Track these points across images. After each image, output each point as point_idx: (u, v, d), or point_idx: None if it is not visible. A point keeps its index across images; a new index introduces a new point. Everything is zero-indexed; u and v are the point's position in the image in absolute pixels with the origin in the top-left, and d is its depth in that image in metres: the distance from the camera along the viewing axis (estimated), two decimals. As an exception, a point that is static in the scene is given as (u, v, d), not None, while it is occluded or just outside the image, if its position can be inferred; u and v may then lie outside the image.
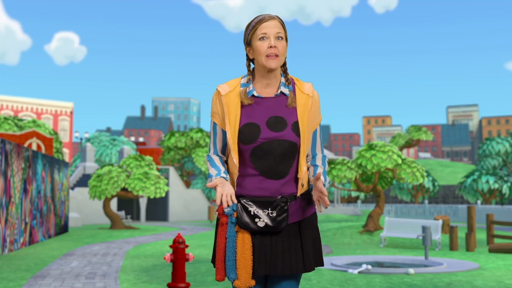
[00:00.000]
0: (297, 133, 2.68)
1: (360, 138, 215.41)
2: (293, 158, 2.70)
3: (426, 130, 55.30)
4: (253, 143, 2.65)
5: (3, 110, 75.40)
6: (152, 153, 49.00)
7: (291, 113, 2.70)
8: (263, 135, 2.65)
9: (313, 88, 2.77)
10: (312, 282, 9.09)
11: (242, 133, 2.66)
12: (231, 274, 2.62)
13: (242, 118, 2.68)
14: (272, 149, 2.65)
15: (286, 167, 2.68)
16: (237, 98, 2.70)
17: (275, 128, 2.66)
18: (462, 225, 34.01)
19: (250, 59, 2.76)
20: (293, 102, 2.70)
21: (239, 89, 2.72)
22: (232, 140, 2.67)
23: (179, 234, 7.39)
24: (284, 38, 2.67)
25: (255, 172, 2.67)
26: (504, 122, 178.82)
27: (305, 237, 2.73)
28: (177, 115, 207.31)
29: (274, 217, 2.63)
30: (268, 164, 2.66)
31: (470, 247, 15.91)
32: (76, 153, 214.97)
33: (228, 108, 2.69)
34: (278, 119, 2.68)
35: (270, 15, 2.69)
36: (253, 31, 2.67)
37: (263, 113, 2.69)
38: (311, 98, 2.73)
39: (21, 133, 27.67)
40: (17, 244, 15.10)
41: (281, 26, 2.67)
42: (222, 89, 2.72)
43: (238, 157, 2.71)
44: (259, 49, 2.65)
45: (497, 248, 14.97)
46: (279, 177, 2.68)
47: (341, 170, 19.14)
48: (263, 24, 2.65)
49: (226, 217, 2.67)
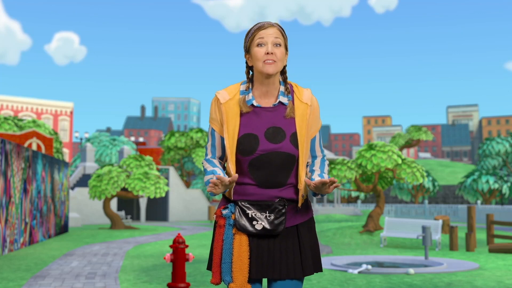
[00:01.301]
0: (295, 145, 2.66)
1: (360, 138, 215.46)
2: (291, 169, 2.68)
3: (426, 130, 55.31)
4: (251, 155, 2.63)
5: (3, 110, 75.39)
6: (152, 153, 49.00)
7: (289, 124, 2.68)
8: (261, 146, 2.63)
9: (311, 95, 2.75)
10: (312, 282, 9.09)
11: (240, 144, 2.64)
12: (226, 277, 2.59)
13: (241, 128, 2.66)
14: (270, 161, 2.63)
15: (284, 177, 2.67)
16: (236, 107, 2.68)
17: (274, 140, 2.64)
18: (462, 225, 34.01)
19: (250, 66, 2.75)
20: (291, 113, 2.68)
21: (239, 97, 2.70)
22: (230, 150, 2.65)
23: (179, 234, 7.39)
24: (282, 45, 2.66)
25: (253, 182, 2.66)
26: (504, 122, 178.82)
27: (303, 241, 2.70)
28: (177, 115, 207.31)
29: (272, 220, 2.61)
30: (266, 175, 2.65)
31: (470, 247, 15.91)
32: (76, 153, 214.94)
33: (227, 117, 2.67)
34: (276, 130, 2.66)
35: (270, 22, 2.68)
36: (251, 38, 2.66)
37: (262, 124, 2.67)
38: (310, 107, 2.71)
39: (21, 133, 27.68)
40: (17, 244, 15.10)
41: (280, 34, 2.66)
42: (222, 97, 2.70)
43: (236, 167, 2.70)
44: (256, 55, 2.63)
45: (497, 248, 14.97)
46: (277, 186, 2.67)
47: (341, 170, 19.14)
48: (262, 31, 2.64)
49: (224, 219, 2.65)
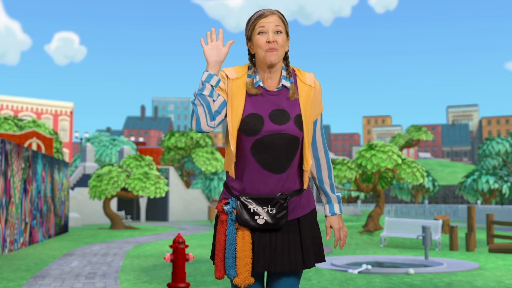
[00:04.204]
0: (300, 127, 2.67)
1: (360, 138, 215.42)
2: (295, 152, 2.69)
3: (426, 130, 55.29)
4: (256, 136, 2.63)
5: (3, 110, 75.38)
6: (152, 153, 49.01)
7: (293, 106, 2.69)
8: (266, 127, 2.63)
9: (315, 77, 2.76)
10: (312, 282, 9.08)
11: (245, 123, 2.64)
12: (231, 272, 2.62)
13: (246, 107, 2.66)
14: (274, 143, 2.64)
15: (287, 161, 2.67)
16: (243, 86, 2.68)
17: (278, 121, 2.65)
18: (462, 225, 34.00)
19: (252, 54, 2.76)
20: (295, 94, 2.69)
21: (246, 78, 2.70)
22: (232, 127, 2.64)
23: (179, 234, 7.39)
24: (283, 31, 2.66)
25: (255, 164, 2.66)
26: (504, 122, 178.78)
27: (304, 234, 2.73)
28: (177, 115, 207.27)
29: (274, 214, 2.63)
30: (269, 157, 2.65)
31: (470, 247, 15.91)
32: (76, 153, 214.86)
33: (232, 94, 2.66)
34: (281, 112, 2.66)
35: (270, 9, 2.69)
36: (252, 26, 2.67)
37: (267, 105, 2.67)
38: (313, 89, 2.73)
39: (21, 133, 27.68)
40: (17, 244, 15.10)
41: (281, 20, 2.66)
42: (230, 73, 2.70)
43: (238, 147, 2.69)
44: (258, 43, 2.64)
45: (497, 248, 14.97)
46: (280, 171, 2.66)
47: (341, 170, 19.14)
48: (262, 20, 2.64)
49: (226, 215, 2.67)
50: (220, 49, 2.66)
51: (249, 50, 2.75)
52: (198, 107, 2.59)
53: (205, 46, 2.67)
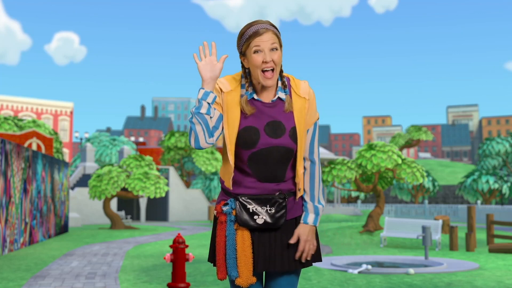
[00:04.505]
0: (294, 139, 2.67)
1: (360, 138, 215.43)
2: (289, 163, 2.71)
3: (426, 130, 55.30)
4: (252, 149, 2.64)
5: (3, 110, 75.39)
6: (152, 153, 49.01)
7: (288, 118, 2.69)
8: (262, 140, 2.64)
9: (309, 87, 2.75)
10: (312, 282, 9.08)
11: (241, 137, 2.65)
12: (233, 272, 2.64)
13: (242, 120, 2.66)
14: (270, 155, 2.65)
15: (282, 171, 2.69)
16: (237, 98, 2.68)
17: (274, 134, 2.65)
18: (462, 225, 34.01)
19: (246, 67, 2.72)
20: (290, 107, 2.69)
21: (240, 90, 2.69)
22: (230, 142, 2.65)
23: (179, 234, 7.39)
24: (279, 47, 2.63)
25: (252, 176, 2.68)
26: (504, 122, 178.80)
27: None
28: (177, 115, 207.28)
29: (273, 213, 2.65)
30: (265, 169, 2.67)
31: (470, 247, 15.91)
32: (76, 153, 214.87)
33: (227, 107, 2.66)
34: (276, 124, 2.67)
35: (264, 25, 2.63)
36: (247, 44, 2.62)
37: (262, 118, 2.67)
38: (307, 101, 2.72)
39: (21, 133, 27.68)
40: (17, 244, 15.10)
41: (275, 36, 2.62)
42: (224, 86, 2.69)
43: (235, 158, 2.71)
44: (254, 63, 2.61)
45: (497, 248, 14.97)
46: (276, 181, 2.69)
47: (341, 170, 19.14)
48: (257, 39, 2.60)
49: (225, 216, 2.68)
50: (214, 64, 2.61)
51: (243, 63, 2.71)
52: (196, 125, 2.58)
53: (198, 62, 2.62)
